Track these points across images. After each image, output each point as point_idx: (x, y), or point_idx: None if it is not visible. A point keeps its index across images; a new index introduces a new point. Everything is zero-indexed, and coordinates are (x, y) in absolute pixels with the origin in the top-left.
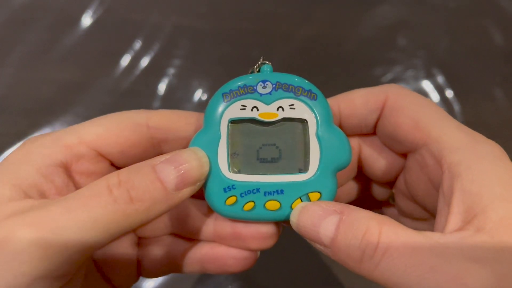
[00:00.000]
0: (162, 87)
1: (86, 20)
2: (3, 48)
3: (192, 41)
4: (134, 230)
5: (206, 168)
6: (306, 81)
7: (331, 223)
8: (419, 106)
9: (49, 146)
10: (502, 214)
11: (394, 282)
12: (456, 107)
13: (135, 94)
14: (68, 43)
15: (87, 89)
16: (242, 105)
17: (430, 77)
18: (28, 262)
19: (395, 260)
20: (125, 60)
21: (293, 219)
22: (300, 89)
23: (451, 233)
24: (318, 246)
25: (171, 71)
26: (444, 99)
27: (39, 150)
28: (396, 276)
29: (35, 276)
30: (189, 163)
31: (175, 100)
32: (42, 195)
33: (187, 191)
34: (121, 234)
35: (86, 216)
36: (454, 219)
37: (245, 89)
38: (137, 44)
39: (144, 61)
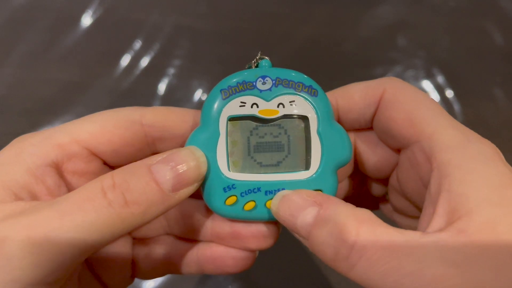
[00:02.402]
0: (162, 87)
1: (86, 20)
2: (3, 48)
3: (192, 41)
4: (129, 232)
5: (204, 169)
6: (306, 76)
7: (309, 216)
8: (415, 101)
9: (40, 145)
10: (486, 218)
11: (370, 284)
12: (456, 107)
13: (135, 94)
14: (68, 43)
15: (87, 89)
16: (241, 102)
17: (430, 77)
18: (20, 268)
19: (372, 263)
20: (125, 60)
21: (273, 207)
22: (301, 85)
23: (432, 233)
24: (297, 236)
25: (171, 71)
26: (444, 99)
27: (30, 150)
28: (372, 279)
29: (27, 283)
30: (187, 163)
31: (175, 100)
32: (33, 197)
33: (185, 192)
34: (116, 238)
35: (80, 220)
36: (438, 219)
37: (244, 85)
38: (137, 44)
39: (144, 61)
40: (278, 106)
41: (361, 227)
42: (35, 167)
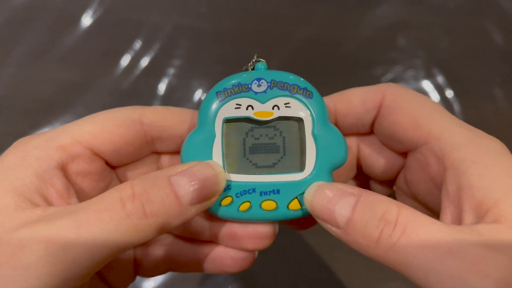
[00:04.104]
0: (162, 87)
1: (86, 20)
2: (3, 48)
3: (192, 41)
4: None
5: (222, 184)
6: (301, 79)
7: (348, 204)
8: (417, 104)
9: (44, 148)
10: None
11: (408, 263)
12: (456, 107)
13: (135, 94)
14: (68, 43)
15: (87, 89)
16: (236, 104)
17: (430, 77)
18: (37, 277)
19: (412, 240)
20: (125, 60)
21: (308, 196)
22: (296, 87)
23: (468, 225)
24: (329, 227)
25: (171, 71)
26: (444, 99)
27: (34, 153)
28: (411, 256)
29: None
30: (206, 177)
31: (175, 100)
32: (46, 201)
33: (202, 207)
34: (130, 248)
35: (97, 232)
36: (468, 216)
37: (240, 88)
38: (137, 44)
39: (144, 61)
40: (273, 108)
41: (402, 210)
42: (42, 171)
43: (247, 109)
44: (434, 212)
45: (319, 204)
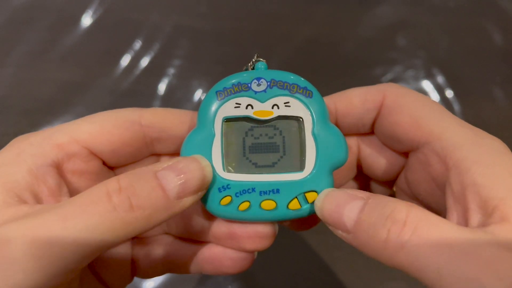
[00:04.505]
0: (162, 87)
1: (86, 20)
2: (3, 48)
3: (192, 41)
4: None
5: (208, 178)
6: (302, 78)
7: (356, 206)
8: (418, 104)
9: (40, 146)
10: None
11: (419, 265)
12: (456, 107)
13: (135, 94)
14: (68, 43)
15: (87, 89)
16: (236, 103)
17: (430, 77)
18: (22, 272)
19: (424, 239)
20: (125, 60)
21: (318, 202)
22: (296, 86)
23: (479, 225)
24: (339, 232)
25: (171, 71)
26: (444, 99)
27: (30, 150)
28: (422, 258)
29: (29, 286)
30: (192, 171)
31: (175, 100)
32: (36, 197)
33: (189, 200)
34: (119, 243)
35: (83, 225)
36: (474, 214)
37: (239, 87)
38: (137, 44)
39: (144, 61)
40: (272, 107)
41: (411, 209)
42: (35, 168)
43: (246, 108)
44: (435, 212)
45: (328, 209)
